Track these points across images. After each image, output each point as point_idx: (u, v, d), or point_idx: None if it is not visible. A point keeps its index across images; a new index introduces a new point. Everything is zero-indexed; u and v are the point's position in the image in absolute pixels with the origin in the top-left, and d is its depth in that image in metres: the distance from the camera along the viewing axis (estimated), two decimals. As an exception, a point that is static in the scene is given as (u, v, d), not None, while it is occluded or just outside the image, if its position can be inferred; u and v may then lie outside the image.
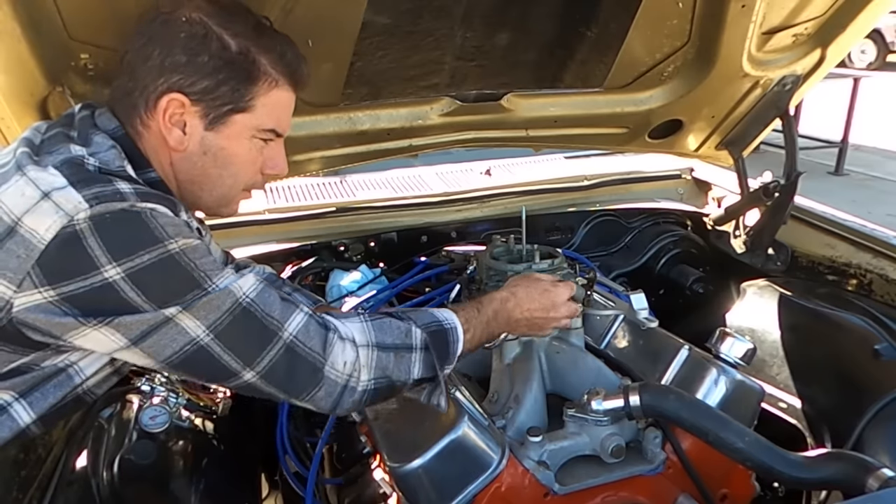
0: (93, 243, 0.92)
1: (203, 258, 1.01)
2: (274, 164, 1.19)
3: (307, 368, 1.05)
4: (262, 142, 1.16)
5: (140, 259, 0.94)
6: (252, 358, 1.02)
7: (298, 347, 1.05)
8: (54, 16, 1.22)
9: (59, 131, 1.06)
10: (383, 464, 1.35)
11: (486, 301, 1.30)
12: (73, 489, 1.40)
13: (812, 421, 1.65)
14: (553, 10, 1.64)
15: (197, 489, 1.56)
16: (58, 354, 1.01)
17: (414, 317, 1.19)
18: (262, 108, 1.12)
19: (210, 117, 1.09)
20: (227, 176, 1.15)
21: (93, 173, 0.98)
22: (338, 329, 1.10)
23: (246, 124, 1.12)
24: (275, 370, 1.04)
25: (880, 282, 1.84)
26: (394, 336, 1.14)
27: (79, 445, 1.47)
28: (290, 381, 1.05)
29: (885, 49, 12.66)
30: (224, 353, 1.01)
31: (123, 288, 0.94)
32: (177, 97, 1.07)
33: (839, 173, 7.34)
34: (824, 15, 1.77)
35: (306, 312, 1.08)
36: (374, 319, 1.15)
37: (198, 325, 0.99)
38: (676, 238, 2.40)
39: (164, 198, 1.02)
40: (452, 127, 1.93)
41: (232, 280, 1.03)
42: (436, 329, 1.18)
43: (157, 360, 1.01)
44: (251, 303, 1.03)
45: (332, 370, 1.07)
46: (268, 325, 1.03)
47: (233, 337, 1.01)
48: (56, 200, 0.93)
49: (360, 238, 2.18)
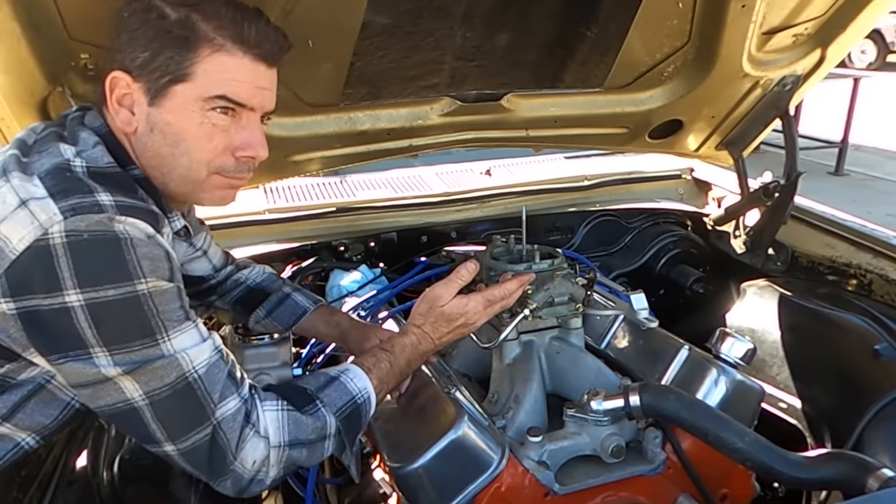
0: (63, 263, 0.90)
1: (168, 305, 0.97)
2: (245, 143, 1.10)
3: (220, 457, 1.02)
4: (220, 114, 1.07)
5: (105, 292, 0.91)
6: (178, 434, 0.99)
7: (219, 435, 1.01)
8: (54, 16, 1.22)
9: (53, 131, 1.06)
10: (383, 464, 1.35)
11: (397, 350, 1.25)
12: (73, 489, 1.40)
13: (812, 421, 1.65)
14: (553, 10, 1.64)
15: (197, 489, 1.56)
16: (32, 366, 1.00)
17: (329, 399, 1.12)
18: (204, 75, 1.04)
19: (152, 91, 1.04)
20: (180, 154, 1.07)
21: (77, 181, 0.96)
22: (256, 424, 1.05)
23: (188, 95, 1.04)
24: (196, 451, 1.00)
25: (880, 282, 1.84)
26: (308, 432, 1.09)
27: (79, 445, 1.48)
28: (205, 465, 1.02)
29: (885, 49, 12.67)
30: (153, 421, 0.98)
31: (79, 317, 0.91)
32: (118, 74, 1.04)
33: (839, 173, 7.34)
34: (824, 15, 1.77)
35: (243, 398, 1.04)
36: (290, 411, 1.08)
37: (136, 388, 0.96)
38: (676, 238, 2.40)
39: (146, 210, 0.99)
40: (452, 127, 1.93)
41: (187, 344, 0.99)
42: (350, 411, 1.13)
43: (89, 404, 0.99)
44: (196, 379, 0.99)
45: (241, 465, 1.03)
46: (204, 406, 1.00)
47: (166, 409, 0.98)
48: (32, 210, 0.91)
49: (360, 238, 2.18)
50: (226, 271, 1.55)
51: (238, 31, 1.05)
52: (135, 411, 0.97)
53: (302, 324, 1.53)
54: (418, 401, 1.40)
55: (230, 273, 1.56)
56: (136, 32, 1.03)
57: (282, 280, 1.60)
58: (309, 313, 1.53)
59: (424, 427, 1.29)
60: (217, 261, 1.53)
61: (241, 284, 1.55)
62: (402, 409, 1.41)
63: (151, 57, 1.03)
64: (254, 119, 1.11)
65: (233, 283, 1.55)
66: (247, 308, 1.54)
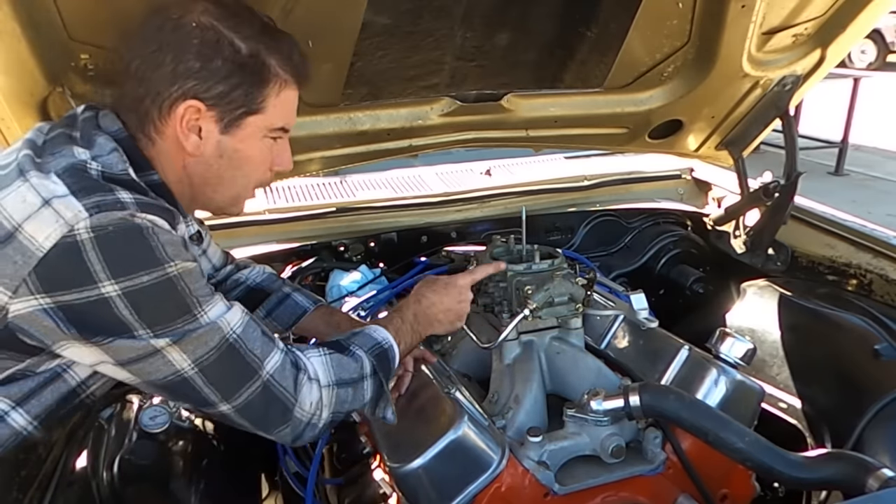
0: (93, 257, 0.93)
1: (197, 282, 1.02)
2: (281, 160, 1.21)
3: (279, 407, 1.08)
4: (272, 140, 1.18)
5: (139, 279, 0.95)
6: (231, 392, 1.05)
7: (274, 386, 1.07)
8: (54, 16, 1.22)
9: (62, 132, 1.06)
10: (383, 464, 1.35)
11: (404, 308, 1.35)
12: (73, 489, 1.40)
13: (812, 421, 1.65)
14: (553, 10, 1.64)
15: (197, 489, 1.56)
16: (53, 358, 1.02)
17: (359, 343, 1.22)
18: (273, 108, 1.13)
19: (225, 121, 1.11)
20: (241, 176, 1.18)
21: (95, 181, 0.99)
22: (306, 369, 1.12)
23: (259, 125, 1.14)
24: (250, 405, 1.06)
25: (880, 282, 1.84)
26: (350, 371, 1.17)
27: (79, 445, 1.48)
28: (262, 417, 1.08)
29: (885, 49, 12.66)
30: (205, 385, 1.03)
31: (118, 305, 0.95)
32: (193, 104, 1.07)
33: (839, 173, 7.34)
34: (824, 15, 1.77)
35: (282, 350, 1.11)
36: (332, 354, 1.18)
37: (184, 359, 1.01)
38: (676, 238, 2.40)
39: (163, 208, 1.03)
40: (452, 127, 1.93)
41: (221, 311, 1.05)
42: (379, 352, 1.22)
43: (141, 379, 1.03)
44: (237, 339, 1.05)
45: (300, 410, 1.10)
46: (249, 363, 1.06)
47: (216, 372, 1.03)
48: (56, 208, 0.93)
49: (360, 238, 2.18)
50: (225, 271, 1.55)
51: (296, 67, 1.15)
52: (186, 381, 1.02)
53: (302, 324, 1.53)
54: (418, 401, 1.40)
55: (230, 273, 1.56)
56: (212, 64, 1.06)
57: (282, 280, 1.60)
58: (309, 313, 1.53)
59: (424, 427, 1.29)
60: (217, 260, 1.53)
61: (241, 284, 1.55)
62: (402, 409, 1.41)
63: (229, 90, 1.08)
64: (287, 137, 1.22)
65: (233, 282, 1.55)
66: (247, 308, 1.54)
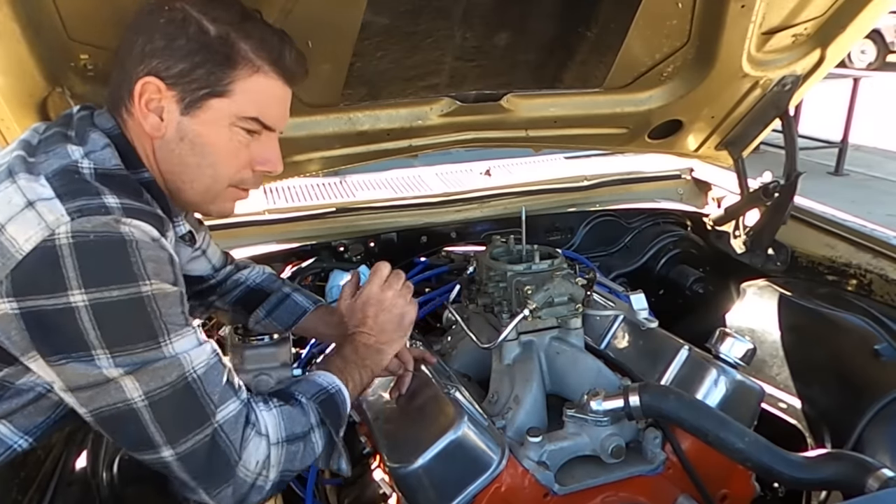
0: (69, 263, 0.90)
1: (172, 308, 0.97)
2: (265, 159, 1.15)
3: (222, 460, 1.00)
4: (245, 133, 1.11)
5: (109, 293, 0.91)
6: (177, 436, 0.98)
7: (221, 438, 1.00)
8: (54, 16, 1.22)
9: (57, 131, 1.06)
10: (383, 464, 1.35)
11: (347, 348, 1.27)
12: (73, 489, 1.40)
13: (812, 421, 1.65)
14: (553, 11, 1.64)
15: (197, 490, 1.56)
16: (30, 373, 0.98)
17: (302, 390, 1.14)
18: (242, 94, 1.08)
19: (186, 101, 1.07)
20: (206, 166, 1.11)
21: (84, 183, 0.97)
22: (256, 423, 1.05)
23: (224, 110, 1.08)
24: (194, 455, 0.99)
25: (880, 282, 1.84)
26: (301, 424, 1.10)
27: (79, 445, 1.48)
28: (204, 470, 1.00)
29: (885, 49, 12.67)
30: (152, 423, 0.96)
31: (83, 318, 0.91)
32: (151, 80, 1.05)
33: (839, 173, 7.34)
34: (824, 15, 1.77)
35: (243, 401, 1.05)
36: (282, 406, 1.10)
37: (136, 388, 0.95)
38: (676, 238, 2.40)
39: (151, 214, 1.00)
40: (452, 127, 1.93)
41: (187, 347, 0.99)
42: (324, 398, 1.15)
43: (86, 409, 0.97)
44: (196, 379, 0.99)
45: (244, 469, 1.02)
46: (203, 407, 0.99)
47: (166, 410, 0.96)
48: (40, 211, 0.91)
49: (360, 238, 2.18)
50: (225, 271, 1.55)
51: (275, 55, 1.10)
52: (133, 412, 0.95)
53: (302, 324, 1.53)
54: (418, 401, 1.40)
55: (230, 273, 1.56)
56: (175, 42, 1.04)
57: (281, 280, 1.60)
58: (309, 313, 1.53)
59: (424, 427, 1.29)
60: (216, 260, 1.53)
61: (241, 285, 1.55)
62: (402, 409, 1.41)
63: (191, 68, 1.05)
64: (273, 136, 1.17)
65: (232, 283, 1.55)
66: (246, 308, 1.54)
